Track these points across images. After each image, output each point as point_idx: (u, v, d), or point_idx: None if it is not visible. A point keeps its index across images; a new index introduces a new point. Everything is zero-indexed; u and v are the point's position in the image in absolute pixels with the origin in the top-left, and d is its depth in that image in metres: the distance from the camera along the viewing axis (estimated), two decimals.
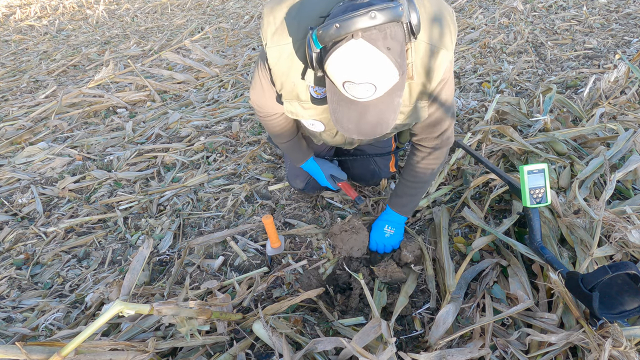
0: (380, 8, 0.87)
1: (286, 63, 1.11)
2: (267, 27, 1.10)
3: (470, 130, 2.00)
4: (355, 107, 1.00)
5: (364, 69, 0.91)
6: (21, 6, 7.01)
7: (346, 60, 0.91)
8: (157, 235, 1.71)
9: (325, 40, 0.91)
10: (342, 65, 0.92)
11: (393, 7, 0.88)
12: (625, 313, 1.00)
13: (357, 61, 0.91)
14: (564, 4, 4.17)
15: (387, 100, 0.99)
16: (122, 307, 0.84)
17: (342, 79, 0.95)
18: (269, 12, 1.10)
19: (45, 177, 2.23)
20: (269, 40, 1.10)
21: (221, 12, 5.68)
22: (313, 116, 1.26)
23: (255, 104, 1.42)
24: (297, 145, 1.58)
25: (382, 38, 0.89)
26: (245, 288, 1.35)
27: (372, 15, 0.86)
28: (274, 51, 1.11)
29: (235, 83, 3.26)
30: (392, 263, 1.38)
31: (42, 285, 1.56)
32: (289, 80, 1.15)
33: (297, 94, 1.19)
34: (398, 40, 0.92)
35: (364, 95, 0.96)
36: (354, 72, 0.92)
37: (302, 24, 1.06)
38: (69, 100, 3.07)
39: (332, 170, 1.69)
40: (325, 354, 1.12)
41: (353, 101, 0.99)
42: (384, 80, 0.93)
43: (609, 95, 2.25)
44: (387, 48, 0.90)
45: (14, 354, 0.88)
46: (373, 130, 1.04)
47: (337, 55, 0.91)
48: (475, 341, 1.10)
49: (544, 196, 1.25)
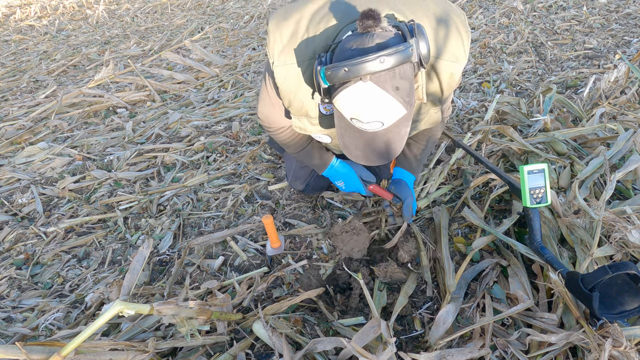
0: (389, 53, 0.86)
1: (294, 82, 1.10)
2: (273, 45, 1.08)
3: (470, 130, 2.00)
4: (362, 137, 1.01)
5: (371, 109, 0.92)
6: (21, 6, 7.01)
7: (354, 101, 0.91)
8: (157, 235, 1.71)
9: (334, 80, 0.90)
10: (349, 104, 0.93)
11: (402, 51, 0.87)
12: (625, 313, 1.00)
13: (364, 102, 0.91)
14: (564, 4, 4.17)
15: (395, 130, 1.00)
16: (122, 307, 0.84)
17: (350, 115, 0.95)
18: (275, 28, 1.07)
19: (45, 177, 2.23)
20: (275, 58, 1.08)
21: (221, 12, 5.68)
22: (321, 131, 1.26)
23: (265, 120, 1.39)
24: (315, 153, 1.51)
25: (391, 79, 0.89)
26: (245, 288, 1.35)
27: (382, 60, 0.86)
28: (282, 70, 1.09)
29: (235, 83, 3.26)
30: (393, 263, 1.38)
31: (42, 285, 1.56)
32: (297, 99, 1.14)
33: (306, 111, 1.18)
34: (407, 78, 0.92)
35: (371, 129, 0.97)
36: (361, 112, 0.93)
37: (310, 46, 1.05)
38: (69, 100, 3.07)
39: (361, 172, 1.59)
40: (325, 354, 1.12)
41: (361, 131, 1.00)
42: (391, 117, 0.94)
43: (609, 95, 2.25)
44: (396, 88, 0.90)
45: (14, 354, 0.88)
46: (380, 158, 1.05)
47: (344, 95, 0.91)
48: (475, 341, 1.10)
49: (544, 196, 1.25)
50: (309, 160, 1.54)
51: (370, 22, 0.90)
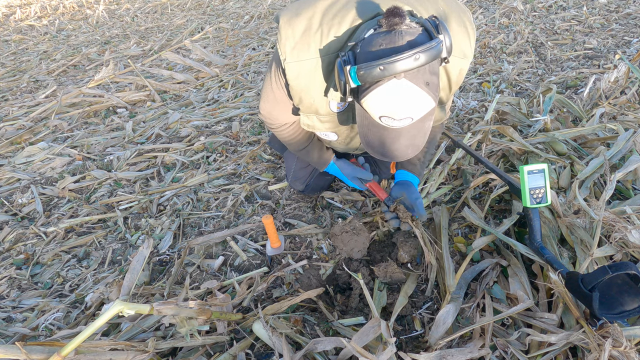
0: (423, 50, 0.86)
1: (306, 79, 1.09)
2: (285, 41, 1.06)
3: (470, 130, 2.00)
4: (387, 134, 1.00)
5: (404, 106, 0.92)
6: (21, 6, 7.00)
7: (387, 99, 0.92)
8: (157, 235, 1.71)
9: (367, 79, 0.90)
10: (382, 102, 0.93)
11: (435, 47, 0.88)
12: (625, 313, 1.00)
13: (398, 99, 0.91)
14: (564, 4, 4.17)
15: (419, 125, 1.00)
16: (122, 307, 0.84)
17: (380, 114, 0.95)
18: (287, 24, 1.06)
19: (45, 177, 2.23)
20: (288, 55, 1.07)
21: (221, 12, 5.68)
22: (329, 129, 1.26)
23: (267, 116, 1.38)
24: (315, 150, 1.52)
25: (422, 75, 0.90)
26: (245, 288, 1.35)
27: (417, 57, 0.86)
28: (294, 67, 1.07)
29: (235, 83, 3.26)
30: (392, 263, 1.38)
31: (42, 285, 1.56)
32: (309, 96, 1.13)
33: (316, 108, 1.17)
34: (436, 74, 0.93)
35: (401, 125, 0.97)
36: (394, 109, 0.93)
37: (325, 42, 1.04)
38: (69, 100, 3.07)
39: (356, 172, 1.61)
40: (325, 354, 1.12)
41: (386, 128, 0.99)
42: (420, 112, 0.95)
43: (609, 95, 2.25)
44: (427, 83, 0.91)
45: (14, 354, 0.88)
46: (405, 153, 1.04)
47: (377, 94, 0.91)
48: (475, 341, 1.10)
49: (544, 196, 1.25)
50: (309, 158, 1.55)
51: (397, 20, 0.90)
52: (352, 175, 1.59)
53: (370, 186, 1.59)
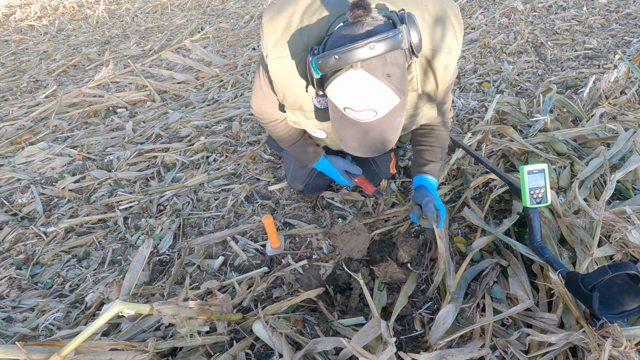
0: (379, 39, 0.86)
1: (288, 75, 1.10)
2: (267, 38, 1.08)
3: (470, 130, 2.00)
4: (357, 127, 1.01)
5: (363, 97, 0.91)
6: (21, 6, 7.00)
7: (346, 89, 0.92)
8: (157, 235, 1.71)
9: (325, 69, 0.90)
10: (342, 93, 0.93)
11: (392, 37, 0.87)
12: (625, 313, 1.00)
13: (356, 90, 0.91)
14: (564, 4, 4.17)
15: (389, 120, 0.99)
16: (122, 307, 0.85)
17: (343, 105, 0.95)
18: (269, 22, 1.08)
19: (45, 177, 2.23)
20: (269, 52, 1.09)
21: (221, 12, 5.68)
22: (316, 125, 1.26)
23: (257, 111, 1.40)
24: (305, 147, 1.54)
25: (382, 66, 0.89)
26: (245, 288, 1.35)
27: (371, 46, 0.86)
28: (275, 63, 1.09)
29: (235, 83, 3.26)
30: (392, 263, 1.38)
31: (42, 285, 1.56)
32: (291, 92, 1.14)
33: (300, 104, 1.18)
34: (399, 66, 0.91)
35: (365, 118, 0.97)
36: (353, 100, 0.92)
37: (303, 38, 1.05)
38: (69, 100, 3.07)
39: (345, 166, 1.62)
40: (325, 354, 1.12)
41: (355, 121, 1.00)
42: (384, 105, 0.94)
43: (609, 95, 2.25)
44: (387, 75, 0.90)
45: (14, 354, 0.88)
46: (375, 148, 1.04)
47: (336, 84, 0.92)
48: (475, 341, 1.10)
49: (544, 196, 1.25)
50: (299, 154, 1.57)
51: (360, 12, 0.90)
52: (342, 168, 1.61)
53: (359, 181, 1.63)
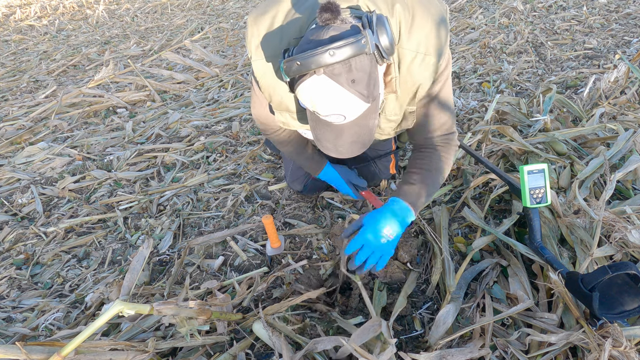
0: (339, 45, 0.84)
1: (271, 76, 1.10)
2: (251, 39, 1.09)
3: (470, 130, 2.00)
4: (330, 129, 1.00)
5: (328, 102, 0.91)
6: (21, 6, 7.00)
7: (310, 94, 0.91)
8: (157, 235, 1.71)
9: (290, 74, 0.90)
10: (307, 97, 0.92)
11: (353, 43, 0.85)
12: (625, 313, 1.00)
13: (320, 96, 0.90)
14: (564, 4, 4.17)
15: (362, 122, 0.98)
16: (122, 307, 0.85)
17: (311, 108, 0.95)
18: (253, 22, 1.08)
19: (45, 177, 2.23)
20: (253, 53, 1.09)
21: (221, 12, 5.68)
22: (304, 126, 1.25)
23: (258, 120, 1.40)
24: (309, 156, 1.54)
25: (346, 71, 0.87)
26: (245, 288, 1.35)
27: (331, 53, 0.84)
28: (259, 64, 1.09)
29: (235, 83, 3.26)
30: (393, 263, 1.38)
31: (42, 285, 1.57)
32: (276, 93, 1.14)
33: (286, 105, 1.18)
34: (364, 71, 0.89)
35: (336, 121, 0.96)
36: (318, 105, 0.92)
37: (284, 40, 1.05)
38: (69, 100, 3.07)
39: (352, 177, 1.60)
40: (325, 353, 1.12)
41: (328, 123, 0.99)
42: (351, 110, 0.93)
43: (609, 95, 2.25)
44: (352, 81, 0.88)
45: (14, 354, 0.88)
46: (350, 149, 1.03)
47: (302, 89, 0.91)
48: (475, 341, 1.10)
49: (544, 196, 1.25)
50: (303, 163, 1.56)
51: (327, 15, 0.89)
52: (348, 179, 1.58)
53: (365, 195, 1.58)
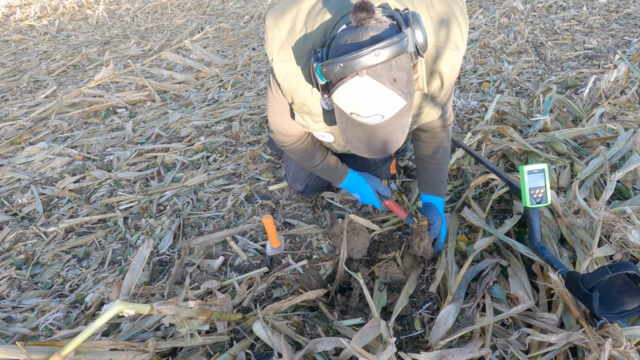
0: (384, 45, 0.84)
1: (294, 79, 1.09)
2: (272, 42, 1.07)
3: (470, 130, 2.00)
4: (364, 130, 1.00)
5: (370, 103, 0.90)
6: (21, 6, 7.00)
7: (351, 96, 0.90)
8: (157, 235, 1.71)
9: (330, 77, 0.89)
10: (347, 100, 0.92)
11: (398, 42, 0.85)
12: (625, 313, 1.00)
13: (362, 97, 0.90)
14: (564, 4, 4.17)
15: (396, 122, 0.98)
16: (122, 307, 0.84)
17: (349, 110, 0.94)
18: (273, 24, 1.06)
19: (45, 177, 2.23)
20: (275, 55, 1.07)
21: (221, 12, 5.68)
22: (324, 129, 1.25)
23: (277, 131, 1.36)
24: (331, 165, 1.50)
25: (388, 71, 0.87)
26: (245, 288, 1.35)
27: (377, 53, 0.84)
28: (281, 67, 1.08)
29: (235, 83, 3.26)
30: (393, 264, 1.38)
31: (42, 285, 1.56)
32: (299, 95, 1.13)
33: (308, 108, 1.17)
34: (404, 69, 0.90)
35: (372, 122, 0.96)
36: (360, 106, 0.91)
37: (308, 41, 1.04)
38: (69, 100, 3.07)
39: (377, 185, 1.56)
40: (325, 354, 1.12)
41: (361, 124, 0.98)
42: (390, 109, 0.93)
43: (609, 95, 2.25)
44: (393, 80, 0.89)
45: (14, 354, 0.88)
46: (383, 149, 1.03)
47: (342, 91, 0.91)
48: (475, 341, 1.10)
49: (544, 196, 1.25)
50: (324, 174, 1.53)
51: (363, 15, 0.89)
52: (375, 187, 1.54)
53: (389, 204, 1.52)
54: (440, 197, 1.46)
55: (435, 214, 1.41)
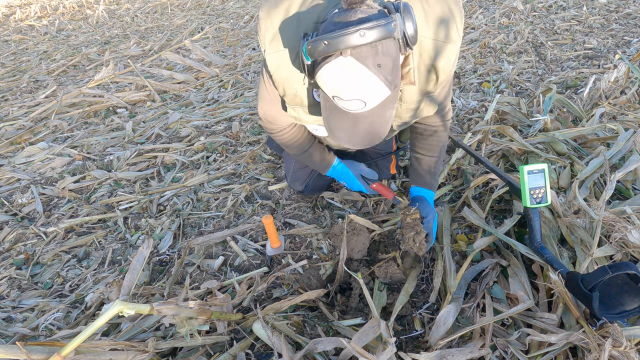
0: (370, 26, 0.84)
1: (286, 69, 1.09)
2: (264, 33, 1.08)
3: (470, 130, 2.00)
4: (346, 118, 0.99)
5: (352, 86, 0.90)
6: (21, 6, 7.01)
7: (334, 77, 0.90)
8: (157, 235, 1.71)
9: (315, 55, 0.89)
10: (330, 80, 0.91)
11: (384, 25, 0.85)
12: (625, 313, 1.00)
13: (345, 78, 0.89)
14: (564, 4, 4.17)
15: (379, 112, 0.98)
16: (122, 307, 0.85)
17: (331, 92, 0.94)
18: (266, 15, 1.07)
19: (45, 177, 2.23)
20: (267, 46, 1.08)
21: (221, 12, 5.68)
22: (317, 121, 1.25)
23: (265, 118, 1.37)
24: (316, 154, 1.52)
25: (373, 55, 0.87)
26: (245, 288, 1.35)
27: (362, 33, 0.84)
28: (274, 57, 1.08)
29: (235, 83, 3.26)
30: (393, 264, 1.38)
31: (42, 285, 1.56)
32: (291, 87, 1.13)
33: (300, 99, 1.17)
34: (390, 56, 0.89)
35: (354, 108, 0.95)
36: (342, 88, 0.91)
37: (300, 30, 1.04)
38: (69, 100, 3.07)
39: (362, 170, 1.59)
40: (325, 354, 1.12)
41: (344, 112, 0.98)
42: (373, 96, 0.92)
43: (609, 95, 2.25)
44: (378, 65, 0.88)
45: (14, 354, 0.88)
46: (364, 140, 1.03)
47: (325, 71, 0.90)
48: (475, 341, 1.10)
49: (544, 196, 1.25)
50: (311, 162, 1.54)
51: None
52: (359, 173, 1.57)
53: (377, 187, 1.57)
54: (431, 191, 1.46)
55: (426, 207, 1.38)
